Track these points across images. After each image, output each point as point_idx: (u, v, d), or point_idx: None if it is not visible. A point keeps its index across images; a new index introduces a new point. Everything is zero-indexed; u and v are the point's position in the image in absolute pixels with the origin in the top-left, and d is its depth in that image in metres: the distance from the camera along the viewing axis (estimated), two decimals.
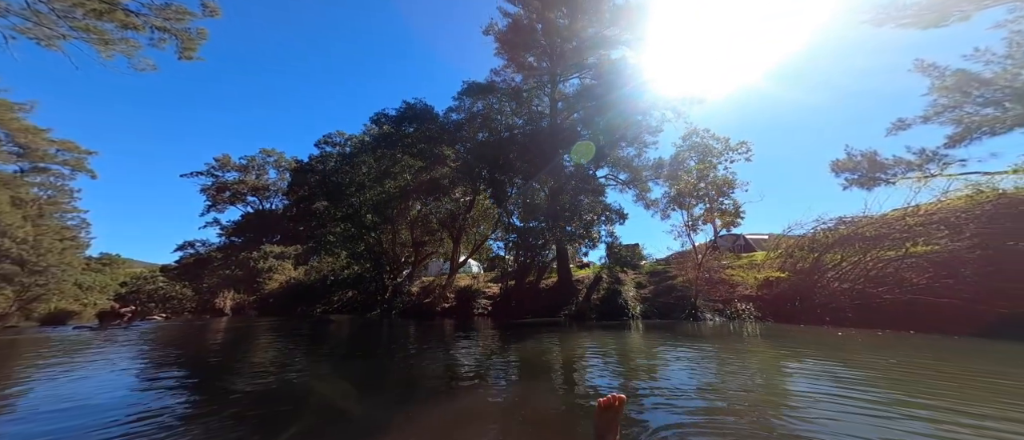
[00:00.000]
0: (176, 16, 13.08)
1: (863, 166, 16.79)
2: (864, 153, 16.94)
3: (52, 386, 5.67)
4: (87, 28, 12.86)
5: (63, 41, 13.48)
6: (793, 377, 5.23)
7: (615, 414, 1.86)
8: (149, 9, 12.74)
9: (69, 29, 13.21)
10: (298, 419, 3.73)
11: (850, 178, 17.22)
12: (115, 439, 3.23)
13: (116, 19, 12.79)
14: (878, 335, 8.35)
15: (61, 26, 12.95)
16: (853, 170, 17.22)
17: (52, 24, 12.87)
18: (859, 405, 3.65)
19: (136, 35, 13.59)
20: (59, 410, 4.31)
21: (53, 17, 12.57)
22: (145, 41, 13.87)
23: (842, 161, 17.63)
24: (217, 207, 43.45)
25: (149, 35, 13.61)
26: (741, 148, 30.21)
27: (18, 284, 24.27)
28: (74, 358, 8.47)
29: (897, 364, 5.65)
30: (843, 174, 17.59)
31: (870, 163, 16.54)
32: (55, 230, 29.46)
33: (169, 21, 13.06)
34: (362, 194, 20.19)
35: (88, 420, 3.80)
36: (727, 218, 27.43)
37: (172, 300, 36.48)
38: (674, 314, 13.81)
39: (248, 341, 11.27)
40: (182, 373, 6.45)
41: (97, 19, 12.47)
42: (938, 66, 13.78)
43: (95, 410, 4.18)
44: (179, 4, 13.02)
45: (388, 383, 5.43)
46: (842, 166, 17.63)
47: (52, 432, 3.52)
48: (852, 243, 11.05)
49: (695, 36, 24.47)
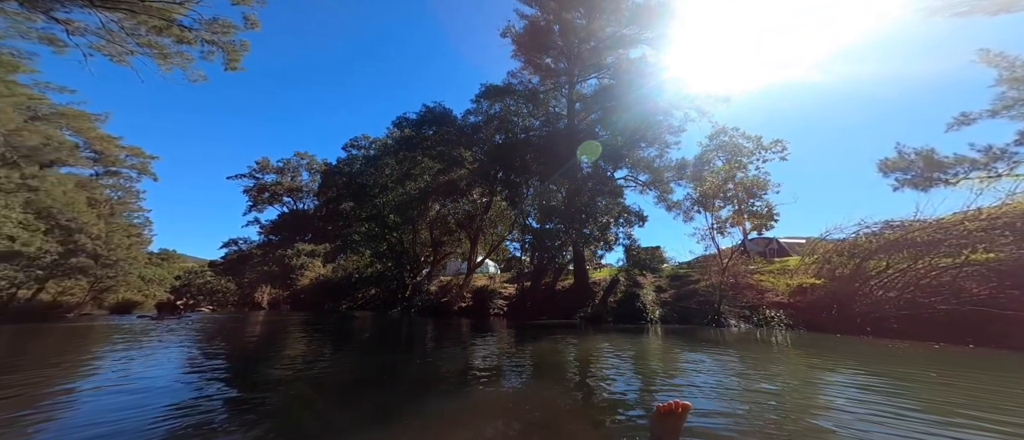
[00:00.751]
0: (222, 30, 14.39)
1: (918, 165, 15.18)
2: (919, 151, 15.32)
3: (124, 366, 6.59)
4: (149, 43, 14.47)
5: (131, 56, 15.21)
6: (821, 386, 4.80)
7: (677, 421, 1.66)
8: (199, 24, 14.13)
9: (135, 45, 14.88)
10: (321, 406, 4.11)
11: (901, 178, 15.61)
12: (170, 418, 3.71)
13: (172, 34, 14.29)
14: (934, 348, 7.46)
15: (129, 43, 14.63)
16: (905, 169, 15.61)
17: (122, 41, 14.58)
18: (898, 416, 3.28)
19: (189, 49, 15.10)
20: (127, 388, 5.04)
21: (123, 34, 14.24)
22: (197, 54, 15.39)
23: (893, 160, 16.04)
24: (257, 207, 46.89)
25: (200, 49, 15.07)
26: (775, 147, 28.39)
27: (92, 276, 27.20)
28: (139, 344, 9.59)
29: (956, 378, 5.03)
30: (894, 174, 15.97)
31: (926, 161, 14.94)
32: (123, 228, 32.84)
33: (216, 34, 14.40)
34: (385, 195, 20.98)
35: (150, 399, 4.40)
36: (759, 221, 25.82)
37: (218, 293, 39.58)
38: (695, 319, 13.13)
39: (282, 334, 12.13)
40: (225, 361, 7.25)
41: (157, 35, 13.99)
42: (1007, 55, 12.26)
43: (155, 391, 4.80)
44: (225, 18, 14.33)
45: (404, 379, 5.68)
46: (893, 165, 16.03)
47: (122, 406, 4.17)
48: (900, 249, 10.01)
49: (720, 33, 23.45)
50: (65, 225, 24.77)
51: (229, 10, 15.40)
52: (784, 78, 30.87)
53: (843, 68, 42.43)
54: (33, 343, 10.37)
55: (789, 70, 28.96)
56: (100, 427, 3.33)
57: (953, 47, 12.75)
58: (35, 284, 25.74)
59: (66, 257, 24.37)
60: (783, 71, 27.98)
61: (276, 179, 47.79)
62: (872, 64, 55.50)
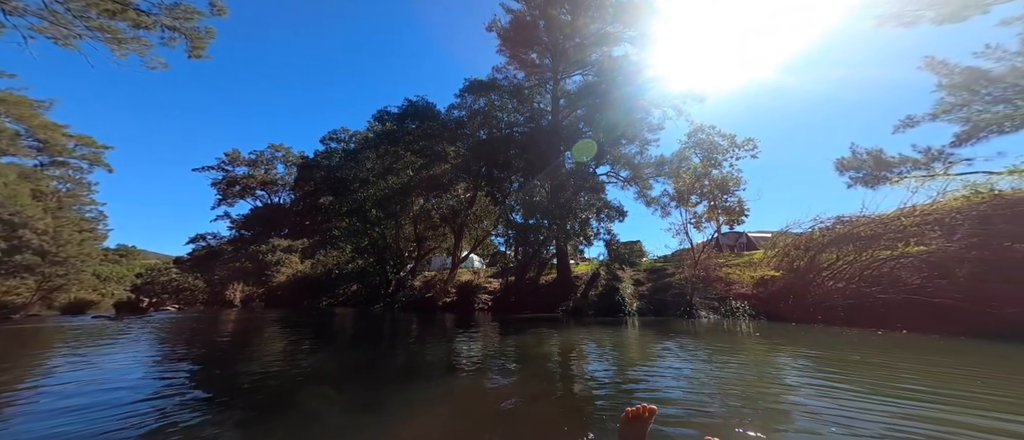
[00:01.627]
0: (185, 15, 13.47)
1: (868, 164, 16.57)
2: (870, 151, 16.70)
3: (71, 372, 6.13)
4: (101, 27, 13.33)
5: (79, 40, 13.98)
6: (765, 369, 5.38)
7: (644, 425, 1.69)
8: (159, 9, 13.16)
9: (84, 29, 13.69)
10: (300, 406, 4.06)
11: (854, 177, 17.04)
12: (130, 425, 3.59)
13: (128, 18, 13.23)
14: (877, 334, 8.34)
15: (77, 26, 13.44)
16: (858, 168, 17.00)
17: (68, 24, 13.36)
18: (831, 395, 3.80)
19: (148, 34, 14.04)
20: (79, 394, 4.75)
21: (69, 17, 13.06)
22: (156, 40, 14.33)
23: (847, 159, 17.41)
24: (227, 201, 44.57)
25: (160, 34, 14.05)
26: (747, 145, 29.91)
27: (39, 274, 25.22)
28: (94, 345, 9.05)
29: (861, 360, 5.77)
30: (848, 172, 17.38)
31: (875, 161, 16.32)
32: (74, 222, 30.46)
33: (179, 20, 13.47)
34: (366, 189, 20.55)
35: (106, 405, 4.17)
36: (731, 216, 27.27)
37: (185, 291, 37.65)
38: (670, 311, 13.91)
39: (257, 332, 11.81)
40: (193, 363, 6.86)
41: (110, 18, 12.92)
42: (948, 63, 13.50)
43: (112, 396, 4.52)
44: (188, 4, 13.41)
45: (387, 374, 5.77)
46: (847, 164, 17.41)
47: (71, 415, 3.91)
48: (848, 242, 11.01)
49: (699, 33, 24.21)
50: (7, 220, 22.78)
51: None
52: (756, 79, 32.37)
53: (808, 71, 44.85)
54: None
55: (760, 71, 30.41)
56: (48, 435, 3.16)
57: (908, 53, 14.07)
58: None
59: (9, 254, 22.48)
60: (755, 72, 29.36)
61: (248, 172, 45.48)
62: (833, 67, 58.84)
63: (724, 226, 29.34)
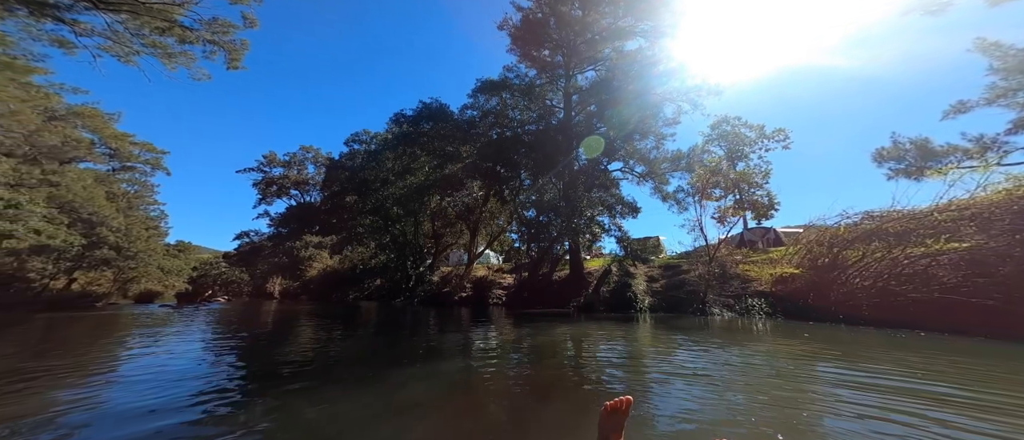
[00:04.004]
0: (222, 29, 14.86)
1: (911, 154, 15.23)
2: (913, 140, 15.36)
3: (149, 350, 7.42)
4: (154, 43, 15.02)
5: (137, 56, 15.81)
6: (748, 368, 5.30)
7: (622, 417, 1.75)
8: (200, 24, 14.61)
9: (141, 45, 15.45)
10: (335, 382, 4.80)
11: (895, 168, 15.74)
12: (191, 393, 4.35)
13: (175, 34, 14.80)
14: (899, 336, 7.78)
15: (135, 43, 15.21)
16: (899, 159, 15.69)
17: (127, 41, 15.15)
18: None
19: (192, 47, 15.62)
20: (153, 371, 5.72)
21: (128, 35, 14.80)
22: (199, 53, 15.91)
23: (887, 149, 16.11)
24: (266, 200, 48.08)
25: (202, 48, 15.58)
26: (777, 136, 28.25)
27: (115, 267, 28.60)
28: (164, 329, 10.60)
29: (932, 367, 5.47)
30: (887, 163, 16.10)
31: (920, 151, 14.98)
32: (141, 220, 34.14)
33: (217, 34, 14.87)
34: (386, 189, 21.54)
35: (177, 376, 5.14)
36: (760, 210, 25.79)
37: (232, 284, 41.14)
38: (683, 308, 13.58)
39: (294, 322, 13.06)
40: (243, 346, 7.99)
41: (160, 35, 14.52)
42: (1001, 44, 12.10)
43: (181, 369, 5.55)
44: (224, 18, 14.77)
45: (408, 360, 6.51)
46: (887, 155, 16.10)
47: (149, 384, 4.88)
48: (876, 238, 10.25)
49: (715, 24, 23.04)
50: (87, 219, 26.04)
51: (228, 10, 15.79)
52: (790, 64, 30.26)
53: (857, 52, 41.05)
54: (70, 329, 11.36)
55: (796, 56, 28.36)
56: (136, 401, 3.99)
57: (961, 31, 12.37)
58: (64, 275, 27.22)
59: (90, 249, 25.70)
60: (780, 60, 27.45)
61: (283, 173, 48.77)
62: (880, 48, 53.27)
63: (751, 221, 27.90)
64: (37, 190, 25.76)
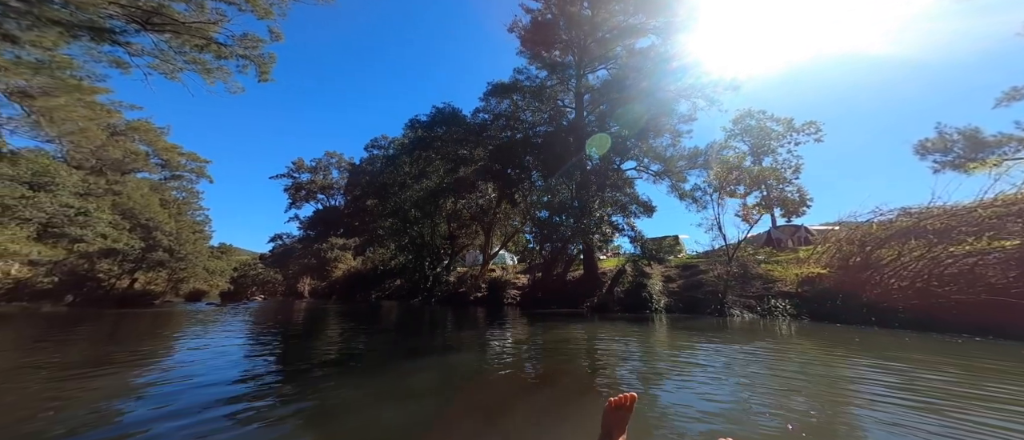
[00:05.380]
0: (251, 43, 16.05)
1: (959, 146, 13.87)
2: (962, 131, 14.01)
3: (202, 342, 8.30)
4: (194, 60, 16.46)
5: (181, 73, 17.36)
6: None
7: (626, 413, 1.73)
8: (232, 40, 15.85)
9: (183, 62, 16.96)
10: (355, 377, 5.23)
11: (941, 160, 14.39)
12: (235, 381, 4.89)
13: (212, 50, 16.15)
14: (957, 341, 7.08)
15: (178, 60, 16.72)
16: (945, 151, 14.32)
17: (172, 59, 16.68)
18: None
19: (227, 63, 16.96)
20: (203, 359, 6.50)
21: (172, 53, 16.31)
22: (234, 67, 17.24)
23: (932, 140, 14.79)
24: (296, 204, 50.80)
25: (236, 63, 16.88)
26: (808, 129, 26.56)
27: (169, 268, 31.26)
28: (212, 324, 11.69)
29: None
30: (932, 155, 14.73)
31: (969, 142, 13.65)
32: (189, 225, 37.17)
33: (248, 49, 16.06)
34: (404, 192, 22.24)
35: (224, 366, 5.81)
36: (790, 207, 24.29)
37: (268, 283, 43.77)
38: (700, 309, 13.07)
39: (321, 320, 13.97)
40: (280, 338, 8.82)
41: (199, 52, 15.89)
42: None
43: (227, 359, 6.25)
44: (253, 33, 15.98)
45: (422, 354, 7.11)
46: (932, 146, 14.78)
47: (201, 371, 5.52)
48: (913, 236, 9.44)
49: (734, 17, 21.97)
50: (144, 224, 28.69)
51: (256, 25, 16.99)
52: (806, 60, 28.32)
53: (895, 37, 37.73)
54: (137, 323, 12.79)
55: (825, 44, 26.51)
56: (188, 380, 4.68)
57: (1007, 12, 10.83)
58: (127, 276, 30.13)
59: (148, 252, 28.29)
60: (802, 53, 25.70)
61: (310, 178, 51.39)
62: (917, 31, 48.25)
63: (781, 218, 26.22)
64: (103, 198, 28.69)
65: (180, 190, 37.69)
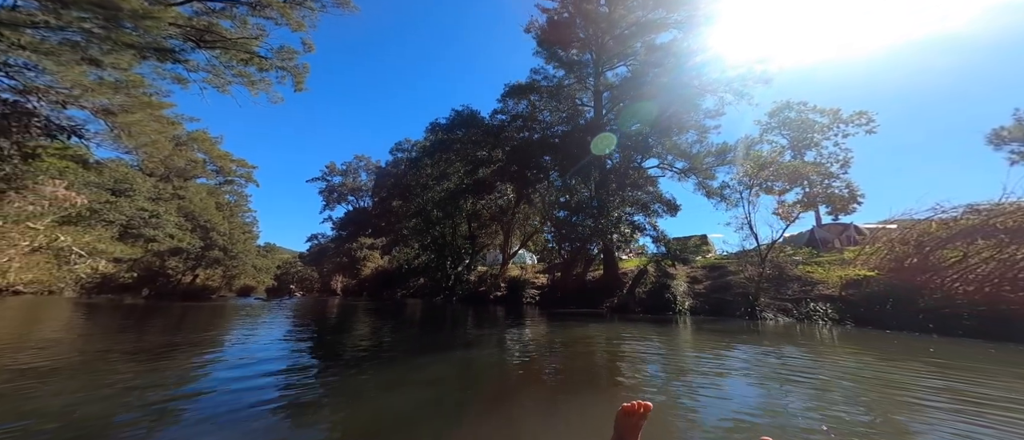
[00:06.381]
0: (287, 55, 17.41)
1: None
2: None
3: (253, 331, 9.31)
4: (240, 73, 18.10)
5: (230, 86, 19.11)
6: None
7: (639, 420, 1.71)
8: (271, 53, 17.27)
9: (232, 76, 18.67)
10: (378, 366, 5.64)
11: (1020, 150, 12.42)
12: (278, 371, 5.31)
13: (255, 64, 17.67)
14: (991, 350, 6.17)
15: (227, 74, 18.43)
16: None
17: (222, 74, 18.42)
18: None
19: (268, 74, 18.48)
20: (254, 346, 7.37)
21: (222, 68, 18.02)
22: (274, 79, 18.74)
23: (1009, 129, 12.91)
24: (329, 206, 53.94)
25: (275, 74, 18.35)
26: (858, 120, 24.08)
27: (223, 266, 34.29)
28: (259, 318, 12.80)
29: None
30: (1009, 145, 12.79)
31: None
32: (240, 226, 40.54)
33: (285, 61, 17.42)
34: (426, 193, 22.89)
35: (269, 358, 6.34)
36: (838, 204, 22.12)
37: (306, 281, 46.66)
38: (729, 311, 12.22)
39: (352, 315, 14.86)
40: (316, 332, 9.52)
41: (244, 66, 17.47)
42: None
43: (272, 351, 6.82)
44: (289, 46, 17.33)
45: (443, 348, 7.50)
46: (1009, 135, 12.87)
47: (250, 359, 6.40)
48: (980, 236, 8.23)
49: (757, 8, 20.38)
50: (203, 225, 31.66)
51: (290, 38, 18.40)
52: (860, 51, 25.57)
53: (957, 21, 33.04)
54: (200, 314, 14.30)
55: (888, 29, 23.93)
56: (240, 365, 5.36)
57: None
58: (190, 272, 33.45)
59: (206, 250, 31.21)
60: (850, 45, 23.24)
61: (341, 181, 54.33)
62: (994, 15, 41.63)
63: (827, 216, 23.83)
64: (170, 202, 32.10)
65: (232, 194, 41.41)
